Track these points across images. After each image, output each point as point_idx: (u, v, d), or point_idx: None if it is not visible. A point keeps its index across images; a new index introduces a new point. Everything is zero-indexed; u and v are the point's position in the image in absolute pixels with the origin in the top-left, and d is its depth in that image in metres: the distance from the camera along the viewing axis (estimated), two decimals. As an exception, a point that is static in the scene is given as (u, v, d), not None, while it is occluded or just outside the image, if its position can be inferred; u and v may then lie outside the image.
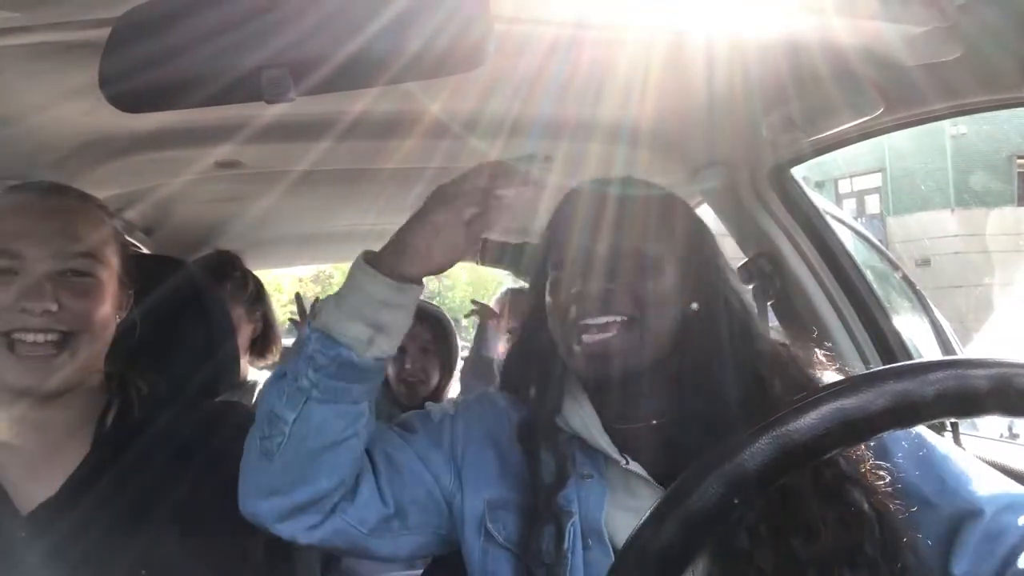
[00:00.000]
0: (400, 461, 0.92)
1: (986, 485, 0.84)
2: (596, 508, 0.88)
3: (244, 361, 1.94)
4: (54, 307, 0.88)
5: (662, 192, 0.97)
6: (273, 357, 2.04)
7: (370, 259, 0.88)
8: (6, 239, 0.89)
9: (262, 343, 2.00)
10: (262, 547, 0.99)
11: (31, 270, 0.89)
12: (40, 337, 0.88)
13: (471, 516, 0.92)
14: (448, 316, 2.15)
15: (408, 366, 1.99)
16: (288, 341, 2.16)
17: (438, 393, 2.06)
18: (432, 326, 2.03)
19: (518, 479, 0.92)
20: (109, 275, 0.95)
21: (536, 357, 0.96)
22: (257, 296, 2.01)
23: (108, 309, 0.94)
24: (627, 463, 0.88)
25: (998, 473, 0.87)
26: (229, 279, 1.94)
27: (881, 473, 0.83)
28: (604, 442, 0.90)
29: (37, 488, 0.90)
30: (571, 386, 0.95)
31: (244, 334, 1.93)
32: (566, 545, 0.87)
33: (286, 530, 0.87)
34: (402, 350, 1.97)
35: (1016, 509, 0.81)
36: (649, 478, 0.88)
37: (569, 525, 0.88)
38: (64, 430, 0.93)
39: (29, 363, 0.87)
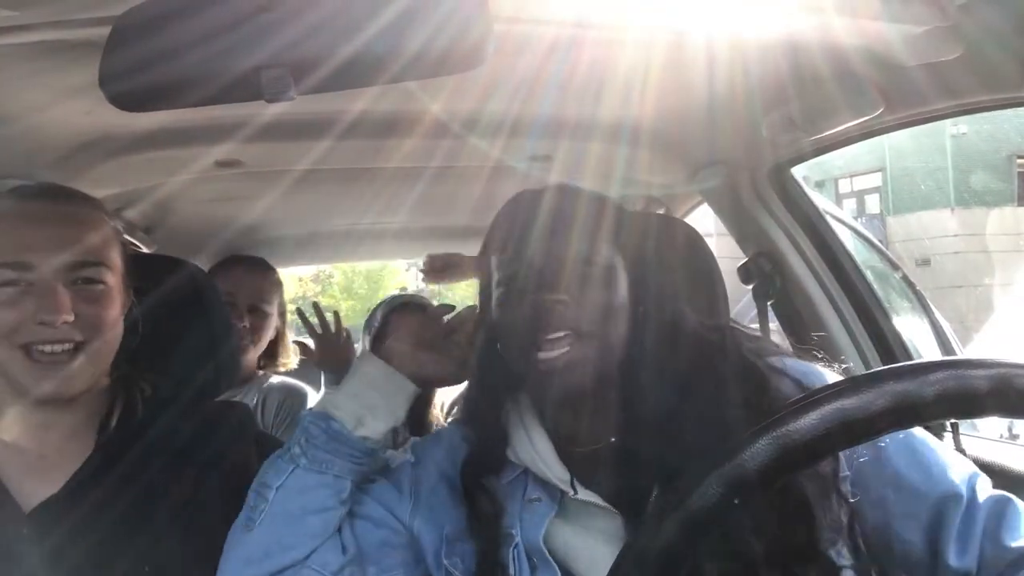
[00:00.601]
0: (361, 512, 0.95)
1: (958, 467, 0.84)
2: (535, 528, 0.88)
3: (255, 358, 1.96)
4: (71, 318, 0.88)
5: (600, 196, 0.94)
6: (289, 362, 2.06)
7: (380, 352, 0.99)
8: (16, 251, 0.89)
9: (274, 345, 2.02)
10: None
11: (44, 281, 0.89)
12: (58, 347, 0.89)
13: (431, 551, 0.92)
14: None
15: None
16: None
17: (433, 391, 2.05)
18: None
19: (467, 514, 0.93)
20: (115, 278, 0.96)
21: (488, 387, 0.95)
22: (283, 297, 2.06)
23: (117, 312, 0.95)
24: (575, 493, 0.87)
25: (959, 454, 0.88)
26: (273, 272, 2.02)
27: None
28: (552, 473, 0.89)
29: (39, 487, 0.90)
30: (522, 415, 0.94)
31: (271, 331, 1.96)
32: (511, 570, 0.87)
33: None
34: None
35: (979, 482, 0.83)
36: (603, 503, 0.87)
37: (512, 549, 0.88)
38: (68, 431, 0.94)
39: (49, 371, 0.88)
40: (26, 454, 0.91)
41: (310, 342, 2.71)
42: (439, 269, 2.28)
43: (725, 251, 1.81)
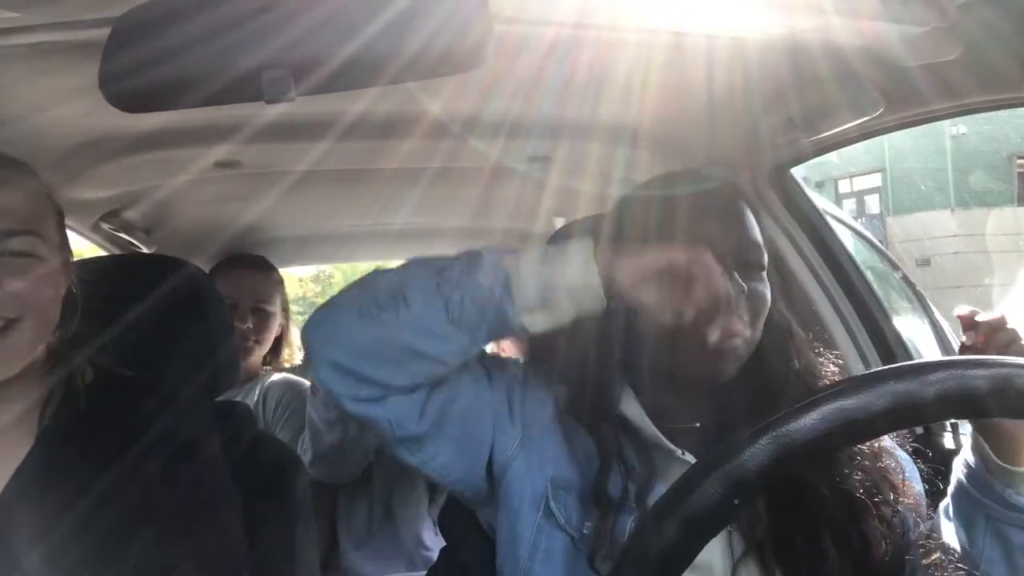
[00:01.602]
0: (466, 402, 0.89)
1: None
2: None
3: (260, 357, 1.96)
4: None
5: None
6: (294, 358, 2.06)
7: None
8: None
9: (280, 343, 2.03)
10: (262, 547, 0.99)
11: None
12: None
13: (531, 491, 0.89)
14: None
15: None
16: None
17: None
18: None
19: (582, 464, 0.90)
20: (49, 250, 0.88)
21: (587, 350, 0.91)
22: (286, 295, 2.06)
23: (51, 289, 0.88)
24: (682, 454, 0.88)
25: None
26: (274, 271, 2.03)
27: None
28: (656, 432, 0.89)
29: None
30: (621, 384, 0.94)
31: (275, 329, 1.97)
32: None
33: (333, 383, 0.84)
34: None
35: None
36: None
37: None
38: (7, 423, 0.87)
39: None
40: None
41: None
42: None
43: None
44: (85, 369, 0.94)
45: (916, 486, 0.91)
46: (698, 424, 0.91)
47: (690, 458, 0.88)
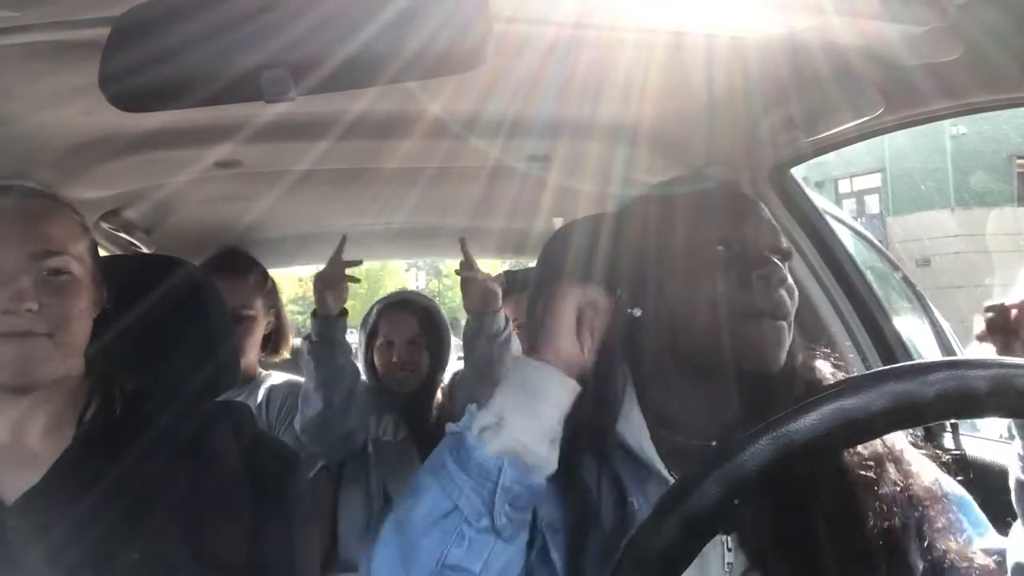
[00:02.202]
0: None
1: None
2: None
3: (255, 358, 1.95)
4: (35, 305, 0.88)
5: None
6: (284, 354, 2.05)
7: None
8: None
9: (275, 339, 2.02)
10: (262, 546, 0.99)
11: (9, 274, 0.89)
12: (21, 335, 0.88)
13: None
14: (438, 306, 2.13)
15: (395, 359, 1.97)
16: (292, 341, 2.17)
17: (431, 385, 2.04)
18: (420, 317, 2.01)
19: (571, 502, 0.82)
20: (84, 271, 0.96)
21: (612, 362, 0.86)
22: (273, 291, 2.03)
23: (84, 305, 0.95)
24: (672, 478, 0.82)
25: None
26: (252, 273, 1.98)
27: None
28: (654, 455, 0.83)
29: (21, 479, 0.90)
30: (627, 387, 0.88)
31: (261, 329, 1.94)
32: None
33: None
34: (390, 343, 1.98)
35: None
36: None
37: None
38: (47, 424, 0.94)
39: (15, 357, 0.88)
40: (6, 448, 0.92)
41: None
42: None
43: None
44: (124, 380, 1.02)
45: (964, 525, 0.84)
46: (713, 443, 0.85)
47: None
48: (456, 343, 2.20)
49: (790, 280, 0.85)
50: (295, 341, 2.19)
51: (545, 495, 0.80)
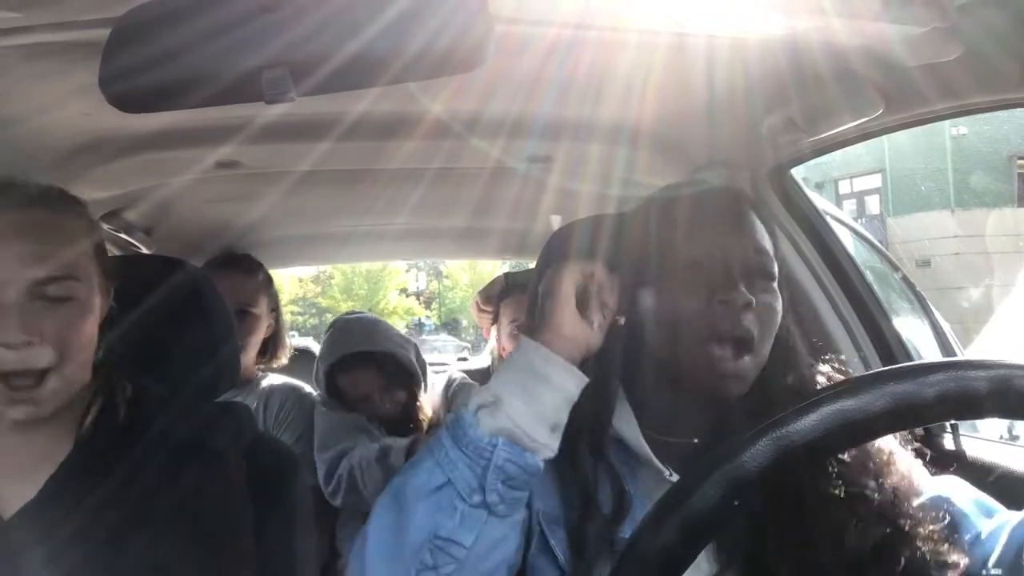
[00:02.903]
0: None
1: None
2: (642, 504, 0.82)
3: (253, 358, 1.95)
4: (36, 339, 0.83)
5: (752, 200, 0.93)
6: (282, 358, 2.04)
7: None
8: None
9: (273, 345, 2.01)
10: (262, 547, 0.99)
11: (7, 301, 0.83)
12: (25, 373, 0.83)
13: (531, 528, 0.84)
14: (391, 334, 1.98)
15: (378, 411, 1.90)
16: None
17: (410, 411, 1.95)
18: (383, 368, 1.89)
19: (568, 494, 0.84)
20: (88, 290, 0.90)
21: (610, 369, 0.87)
22: (276, 295, 2.04)
23: (90, 327, 0.90)
24: (670, 474, 0.84)
25: None
26: (260, 271, 1.98)
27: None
28: (646, 447, 0.84)
29: (19, 493, 0.87)
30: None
31: (263, 330, 1.94)
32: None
33: None
34: (368, 400, 1.88)
35: None
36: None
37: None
38: (49, 437, 0.91)
39: (20, 395, 0.84)
40: (6, 458, 0.89)
41: (313, 346, 2.72)
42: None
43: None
44: (126, 385, 0.98)
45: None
46: (696, 440, 0.87)
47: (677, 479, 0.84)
48: (455, 345, 2.17)
49: (773, 303, 0.84)
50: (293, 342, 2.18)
51: (541, 487, 0.82)
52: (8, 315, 0.83)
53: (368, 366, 1.87)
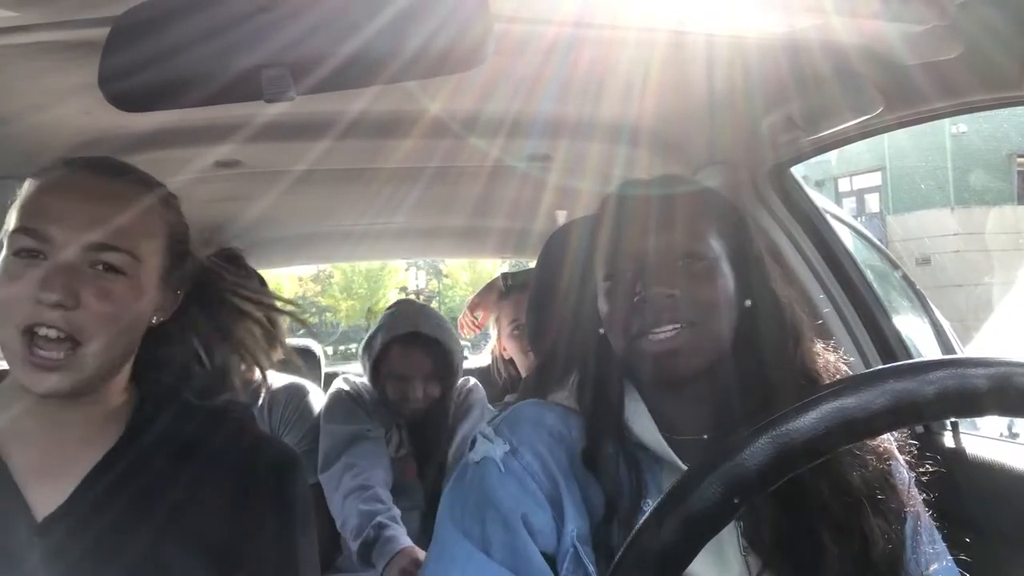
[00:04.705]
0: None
1: None
2: None
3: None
4: (70, 302, 0.80)
5: (702, 188, 0.97)
6: (276, 357, 2.03)
7: None
8: (39, 218, 0.81)
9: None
10: (263, 547, 0.99)
11: (59, 257, 0.81)
12: (52, 333, 0.80)
13: (561, 549, 0.83)
14: (450, 330, 2.02)
15: (408, 396, 1.91)
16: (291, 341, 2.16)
17: (442, 405, 1.98)
18: (435, 356, 1.92)
19: (595, 510, 0.85)
20: (147, 274, 0.87)
21: (586, 359, 0.92)
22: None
23: (138, 311, 0.87)
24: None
25: None
26: (249, 275, 1.96)
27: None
28: (666, 448, 0.86)
29: (52, 493, 0.87)
30: (628, 391, 0.92)
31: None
32: None
33: None
34: (402, 376, 1.90)
35: None
36: None
37: None
38: (83, 431, 0.90)
39: (36, 360, 0.81)
40: (39, 457, 0.88)
41: (313, 346, 2.70)
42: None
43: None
44: (168, 392, 0.98)
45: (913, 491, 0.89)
46: (705, 436, 0.89)
47: None
48: (462, 344, 2.18)
49: (703, 283, 0.87)
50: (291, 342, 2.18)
51: (575, 507, 0.84)
52: (56, 274, 0.80)
53: (424, 348, 1.91)
